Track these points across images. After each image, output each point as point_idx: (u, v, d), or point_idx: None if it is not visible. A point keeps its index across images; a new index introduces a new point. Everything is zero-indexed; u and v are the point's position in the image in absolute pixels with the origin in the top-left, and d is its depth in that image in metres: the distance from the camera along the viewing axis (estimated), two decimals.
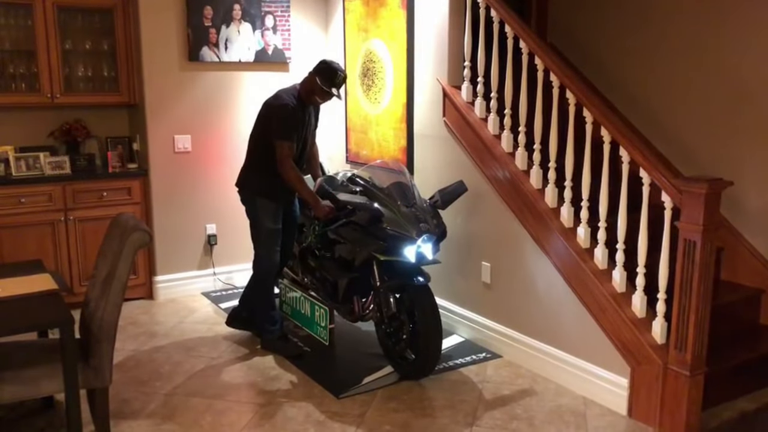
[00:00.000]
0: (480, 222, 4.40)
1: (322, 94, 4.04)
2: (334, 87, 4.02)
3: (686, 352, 3.25)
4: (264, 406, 3.64)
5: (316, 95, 4.05)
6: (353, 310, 4.15)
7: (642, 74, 4.73)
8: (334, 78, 4.01)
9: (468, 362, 4.20)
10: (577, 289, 3.74)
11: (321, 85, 4.00)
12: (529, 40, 3.96)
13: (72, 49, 5.13)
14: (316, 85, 4.02)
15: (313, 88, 4.05)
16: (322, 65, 4.07)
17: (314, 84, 4.03)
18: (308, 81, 4.08)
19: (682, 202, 3.21)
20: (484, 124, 4.30)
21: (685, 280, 3.22)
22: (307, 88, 4.08)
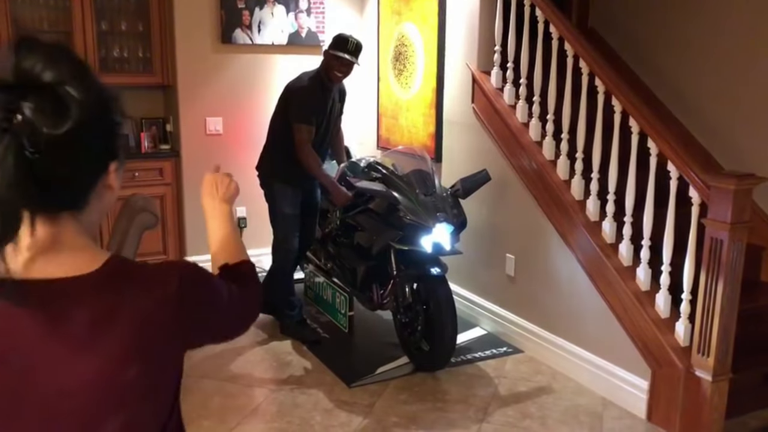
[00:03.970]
0: (505, 213, 4.27)
1: (337, 63, 3.96)
2: (346, 53, 3.94)
3: (709, 356, 3.08)
4: (274, 392, 3.62)
5: (334, 69, 3.98)
6: (372, 299, 4.09)
7: (687, 63, 4.48)
8: (345, 44, 3.96)
9: (487, 356, 4.10)
10: (600, 286, 3.59)
11: (333, 53, 3.95)
12: (559, 24, 3.80)
13: (108, 30, 5.18)
14: (330, 57, 3.98)
15: (329, 62, 3.99)
16: (334, 38, 4.06)
17: (329, 57, 3.99)
18: (324, 58, 4.04)
19: (710, 198, 3.03)
20: (513, 112, 4.17)
21: (710, 281, 3.05)
22: (324, 65, 4.03)
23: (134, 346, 0.97)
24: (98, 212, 1.04)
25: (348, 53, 3.95)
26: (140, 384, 0.99)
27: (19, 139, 0.89)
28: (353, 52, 3.97)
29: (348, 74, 4.05)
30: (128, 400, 0.99)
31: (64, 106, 0.92)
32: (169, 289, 1.01)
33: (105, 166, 1.01)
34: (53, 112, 0.91)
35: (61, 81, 0.93)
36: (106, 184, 1.02)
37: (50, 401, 0.94)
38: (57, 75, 0.93)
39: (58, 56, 0.95)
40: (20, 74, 0.91)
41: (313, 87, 3.98)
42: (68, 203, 0.98)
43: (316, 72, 4.05)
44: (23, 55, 0.93)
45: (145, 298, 0.99)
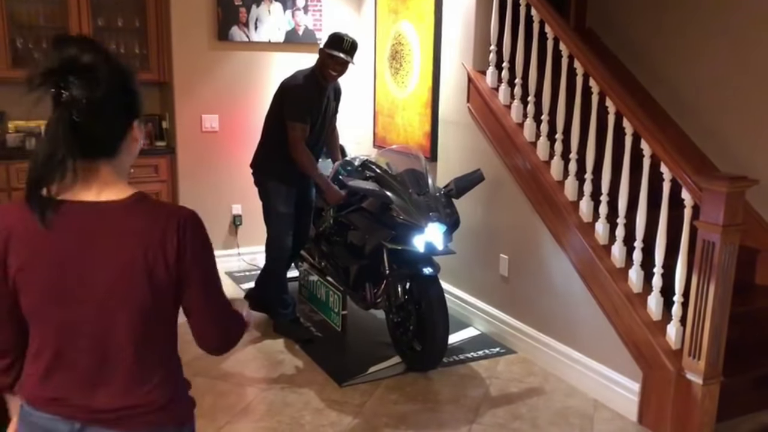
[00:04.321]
0: (499, 213, 4.26)
1: (332, 62, 3.94)
2: (341, 52, 3.92)
3: (700, 359, 3.07)
4: (265, 390, 3.61)
5: (329, 68, 3.96)
6: (365, 298, 4.08)
7: (684, 64, 4.45)
8: (340, 43, 3.94)
9: (480, 356, 4.09)
10: (593, 287, 3.58)
11: (328, 52, 3.93)
12: (554, 24, 3.78)
13: (104, 26, 5.18)
14: (325, 56, 3.96)
15: (324, 61, 3.97)
16: (329, 36, 4.04)
17: (324, 55, 3.97)
18: (319, 57, 4.02)
19: (702, 200, 3.01)
20: (508, 112, 4.15)
21: (701, 284, 3.03)
22: (320, 64, 4.01)
23: (143, 255, 1.36)
24: (127, 158, 1.44)
25: (343, 52, 3.93)
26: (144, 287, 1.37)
27: (68, 109, 1.29)
28: (348, 51, 3.95)
29: (343, 73, 4.04)
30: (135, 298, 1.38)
31: (96, 81, 1.30)
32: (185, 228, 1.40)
33: (129, 123, 1.41)
34: (89, 86, 1.30)
35: (93, 63, 1.31)
36: (131, 137, 1.43)
37: (84, 281, 1.36)
38: (90, 58, 1.31)
39: (88, 46, 1.34)
40: (62, 61, 1.29)
41: (308, 85, 3.97)
42: (103, 152, 1.38)
43: (311, 70, 4.04)
44: (62, 48, 1.32)
45: (158, 225, 1.39)
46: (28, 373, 1.45)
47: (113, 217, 1.38)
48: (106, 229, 1.37)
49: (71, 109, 1.29)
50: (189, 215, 1.43)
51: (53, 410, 1.41)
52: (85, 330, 1.38)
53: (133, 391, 1.42)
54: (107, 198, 1.38)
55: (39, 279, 1.37)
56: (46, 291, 1.37)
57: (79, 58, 1.31)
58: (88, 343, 1.39)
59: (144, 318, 1.40)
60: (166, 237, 1.38)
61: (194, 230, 1.42)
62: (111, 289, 1.37)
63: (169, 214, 1.41)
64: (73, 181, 1.35)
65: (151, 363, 1.45)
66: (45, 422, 1.42)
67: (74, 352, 1.40)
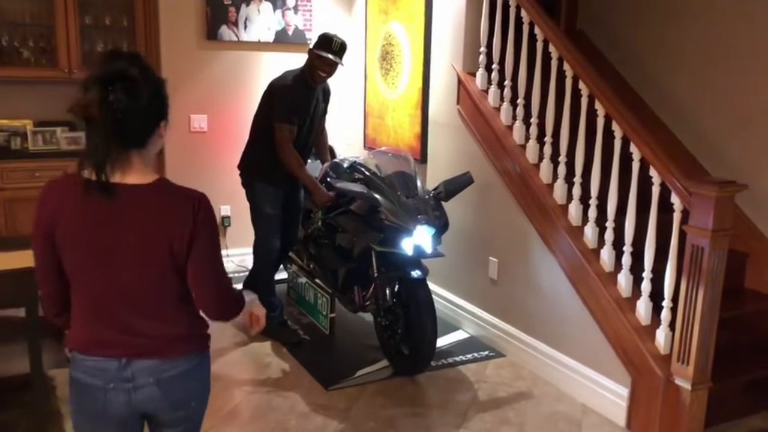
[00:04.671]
0: (489, 216, 4.23)
1: (321, 63, 3.90)
2: (330, 53, 3.88)
3: (689, 364, 3.05)
4: (250, 394, 3.57)
5: (318, 68, 3.92)
6: (353, 300, 4.05)
7: (675, 67, 4.43)
8: (329, 44, 3.89)
9: (468, 360, 4.06)
10: (582, 292, 3.56)
11: (317, 53, 3.89)
12: (544, 25, 3.75)
13: (92, 25, 5.12)
14: (314, 56, 3.92)
15: (312, 62, 3.93)
16: (318, 37, 4.00)
17: (313, 56, 3.93)
18: (308, 57, 3.98)
19: (692, 204, 2.99)
20: (497, 114, 4.12)
21: (690, 289, 3.01)
22: (308, 65, 3.97)
23: (165, 228, 1.70)
24: (153, 149, 1.76)
25: (332, 53, 3.89)
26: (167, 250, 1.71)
27: (112, 109, 1.60)
28: (337, 52, 3.91)
29: (332, 74, 4.01)
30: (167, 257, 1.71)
31: (139, 90, 1.64)
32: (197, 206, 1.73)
33: (157, 123, 1.73)
34: (132, 93, 1.62)
35: (137, 75, 1.64)
36: (158, 134, 1.74)
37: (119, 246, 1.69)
38: (135, 72, 1.64)
39: (135, 60, 1.68)
40: (110, 72, 1.62)
41: (296, 86, 3.93)
42: (136, 144, 1.69)
43: (300, 71, 4.00)
44: (114, 60, 1.66)
45: (177, 204, 1.72)
46: (73, 327, 1.79)
47: (141, 197, 1.71)
48: (136, 207, 1.71)
49: (116, 110, 1.61)
50: (202, 198, 1.76)
51: (100, 353, 1.75)
52: (119, 285, 1.73)
53: (161, 328, 1.78)
54: (136, 181, 1.71)
55: (81, 244, 1.70)
56: (86, 254, 1.70)
57: (127, 71, 1.64)
58: (122, 295, 1.74)
59: (165, 275, 1.75)
60: (183, 215, 1.72)
61: (206, 211, 1.76)
62: (139, 254, 1.71)
63: (186, 196, 1.75)
64: (112, 166, 1.67)
65: (173, 307, 1.80)
66: (96, 364, 1.75)
67: (111, 303, 1.74)
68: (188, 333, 1.85)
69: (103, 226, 1.69)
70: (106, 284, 1.72)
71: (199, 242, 1.73)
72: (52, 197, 1.71)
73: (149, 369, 1.77)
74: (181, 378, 1.81)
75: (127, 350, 1.75)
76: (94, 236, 1.69)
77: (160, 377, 1.78)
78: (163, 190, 1.73)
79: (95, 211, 1.68)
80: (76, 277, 1.74)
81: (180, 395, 1.83)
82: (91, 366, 1.76)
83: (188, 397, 1.85)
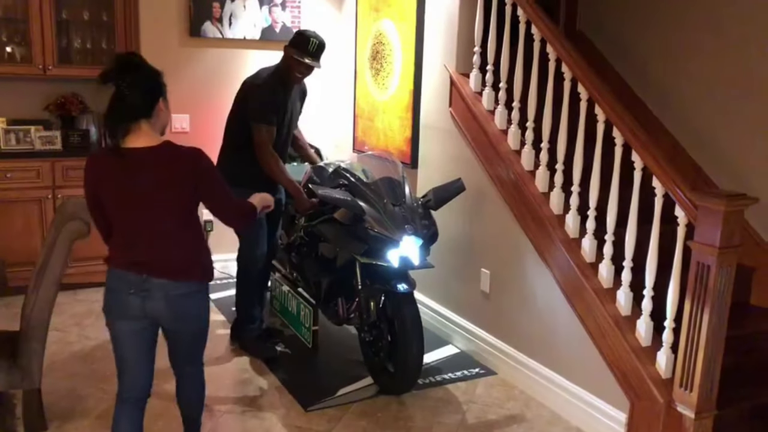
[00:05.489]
0: (481, 225, 4.01)
1: (297, 65, 3.69)
2: (307, 56, 3.66)
3: (692, 391, 2.83)
4: (223, 414, 3.35)
5: (293, 69, 3.71)
6: (337, 313, 3.83)
7: (679, 70, 4.20)
8: (306, 45, 3.66)
9: (458, 377, 3.84)
10: (578, 308, 3.34)
11: (294, 56, 3.67)
12: (541, 24, 3.53)
13: (69, 19, 4.90)
14: (291, 58, 3.70)
15: (289, 62, 3.72)
16: (295, 35, 3.77)
17: (289, 57, 3.71)
18: (284, 56, 3.76)
19: (697, 218, 2.77)
20: (491, 118, 3.90)
21: (694, 309, 2.79)
22: (285, 64, 3.75)
23: (170, 178, 2.32)
24: (159, 121, 2.38)
25: (308, 56, 3.68)
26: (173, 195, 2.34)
27: (122, 91, 2.26)
28: (314, 53, 3.69)
29: (308, 75, 3.81)
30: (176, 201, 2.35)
31: (139, 77, 2.30)
32: (195, 159, 2.35)
33: (157, 100, 2.35)
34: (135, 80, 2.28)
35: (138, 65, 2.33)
36: (158, 107, 2.35)
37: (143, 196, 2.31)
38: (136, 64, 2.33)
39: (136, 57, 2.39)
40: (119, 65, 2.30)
41: (273, 84, 3.71)
42: (142, 115, 2.29)
43: (275, 68, 3.78)
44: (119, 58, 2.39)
45: (182, 159, 2.33)
46: (111, 250, 2.46)
47: (152, 156, 2.32)
48: (149, 164, 2.32)
49: (124, 90, 2.27)
50: (200, 151, 2.39)
51: (128, 269, 2.38)
52: (141, 222, 2.37)
53: (174, 255, 2.41)
54: (146, 144, 2.32)
55: (113, 196, 2.36)
56: (117, 202, 2.37)
57: (129, 63, 2.34)
58: (144, 230, 2.38)
59: (178, 215, 2.39)
60: (186, 166, 2.35)
61: (205, 160, 2.40)
62: (156, 199, 2.34)
63: (186, 151, 2.36)
64: (126, 134, 2.30)
65: (185, 240, 2.43)
66: (123, 276, 2.39)
67: (138, 237, 2.39)
68: (193, 263, 2.45)
69: (126, 181, 2.33)
70: (132, 222, 2.38)
71: (205, 185, 2.40)
72: (92, 165, 2.40)
73: (161, 286, 2.38)
74: (183, 298, 2.42)
75: (147, 270, 2.37)
76: (121, 189, 2.34)
77: (167, 294, 2.39)
78: (168, 149, 2.35)
79: (119, 170, 2.32)
80: (113, 217, 2.41)
81: (180, 311, 2.43)
82: (120, 277, 2.39)
83: (187, 314, 2.46)
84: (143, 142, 2.30)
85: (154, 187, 2.31)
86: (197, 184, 2.35)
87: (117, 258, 2.41)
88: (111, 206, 2.37)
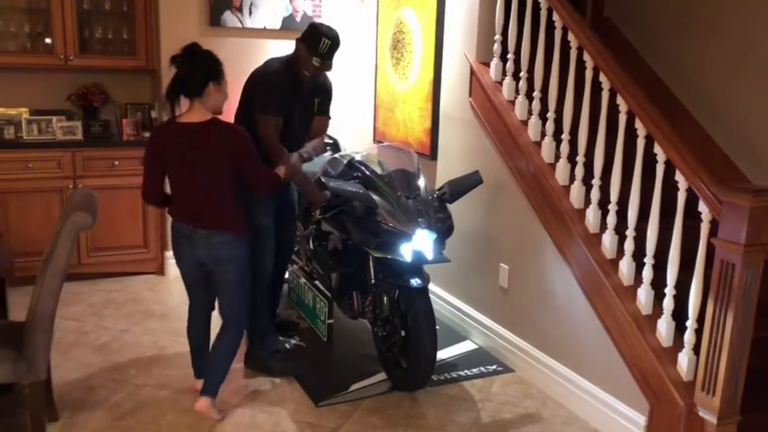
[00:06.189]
0: (500, 219, 3.90)
1: (306, 63, 3.49)
2: (317, 57, 3.45)
3: (715, 395, 2.69)
4: (232, 408, 3.31)
5: (302, 65, 3.51)
6: (352, 306, 3.76)
7: (712, 59, 4.02)
8: (316, 44, 3.43)
9: (474, 374, 3.74)
10: (597, 306, 3.22)
11: (305, 54, 3.48)
12: (562, 11, 3.40)
13: (91, 10, 4.90)
14: (301, 55, 3.50)
15: (298, 58, 3.52)
16: (308, 29, 3.53)
17: (299, 52, 3.51)
18: (295, 49, 3.56)
19: (722, 214, 2.63)
20: (511, 108, 3.79)
21: (718, 309, 2.65)
22: (295, 58, 3.56)
23: (214, 149, 2.94)
24: (210, 101, 2.97)
25: (318, 56, 3.45)
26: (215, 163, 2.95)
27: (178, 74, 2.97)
28: (325, 54, 3.46)
29: (318, 74, 3.62)
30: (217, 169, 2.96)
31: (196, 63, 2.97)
32: (235, 135, 3.00)
33: (207, 83, 2.94)
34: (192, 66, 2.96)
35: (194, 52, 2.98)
36: (208, 90, 2.94)
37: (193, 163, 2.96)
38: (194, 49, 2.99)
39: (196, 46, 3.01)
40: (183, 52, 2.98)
41: (280, 74, 3.52)
42: (193, 94, 2.95)
43: (286, 59, 3.61)
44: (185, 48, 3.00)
45: (225, 134, 2.97)
46: (172, 205, 3.09)
47: (201, 130, 2.92)
48: (198, 136, 2.92)
49: (180, 72, 2.92)
50: (237, 129, 3.03)
51: (182, 222, 3.04)
52: (191, 185, 2.98)
53: (214, 213, 3.00)
54: (198, 120, 2.93)
55: (171, 162, 2.98)
56: (174, 167, 2.99)
57: (191, 50, 2.95)
58: (193, 191, 2.99)
59: (218, 179, 2.96)
60: (228, 140, 2.95)
61: (243, 137, 3.00)
62: (201, 166, 2.94)
63: (229, 128, 3.00)
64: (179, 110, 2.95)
65: (223, 200, 3.00)
66: (179, 227, 3.06)
67: (187, 195, 3.01)
68: (228, 219, 3.02)
69: (180, 149, 2.95)
70: (184, 183, 3.00)
71: (243, 158, 2.97)
72: (157, 133, 3.11)
73: (204, 236, 3.00)
74: (221, 245, 3.03)
75: (194, 222, 3.00)
76: (176, 155, 2.96)
77: (208, 242, 3.01)
78: (214, 125, 2.95)
79: (175, 140, 2.95)
80: (172, 180, 3.04)
81: (219, 256, 3.05)
82: (176, 228, 3.09)
83: (224, 258, 3.06)
84: (196, 118, 2.93)
85: (200, 155, 2.92)
86: (234, 154, 2.93)
87: (174, 212, 3.09)
88: (169, 169, 3.02)
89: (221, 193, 2.98)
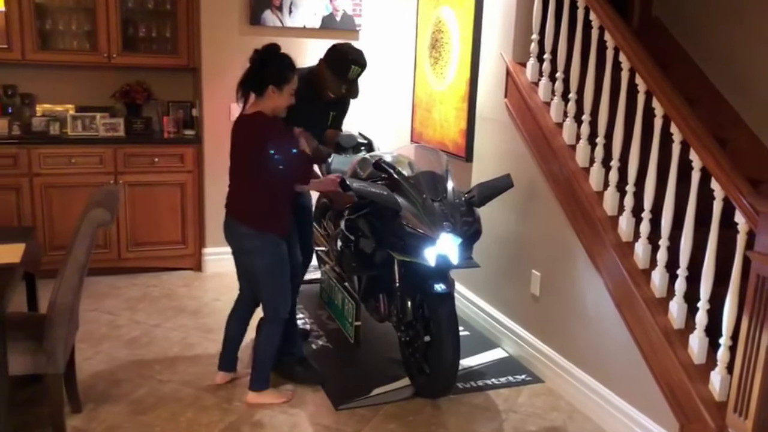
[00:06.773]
0: (533, 224, 3.79)
1: (333, 89, 3.42)
2: (345, 83, 3.38)
3: (748, 417, 2.54)
4: (252, 408, 3.30)
5: (327, 89, 3.44)
6: (379, 309, 3.71)
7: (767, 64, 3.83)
8: (346, 71, 3.36)
9: (501, 384, 3.64)
10: (628, 318, 3.08)
11: (330, 78, 3.40)
12: (599, 10, 3.27)
13: (135, 8, 4.99)
14: (326, 77, 3.42)
15: (323, 81, 3.44)
16: (334, 54, 3.43)
17: (324, 74, 3.43)
18: (319, 70, 3.48)
19: (759, 226, 2.47)
20: (546, 110, 3.67)
21: (753, 327, 2.49)
22: (318, 78, 3.47)
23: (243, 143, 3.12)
24: (268, 101, 3.07)
25: (348, 83, 3.38)
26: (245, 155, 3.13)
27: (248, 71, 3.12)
28: (353, 81, 3.40)
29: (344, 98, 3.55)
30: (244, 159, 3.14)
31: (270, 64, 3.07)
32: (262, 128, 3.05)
33: (267, 85, 3.04)
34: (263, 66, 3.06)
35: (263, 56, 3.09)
36: (269, 91, 3.04)
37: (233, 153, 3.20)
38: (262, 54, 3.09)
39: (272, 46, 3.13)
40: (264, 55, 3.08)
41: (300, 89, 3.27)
42: (253, 90, 3.09)
43: (309, 71, 3.51)
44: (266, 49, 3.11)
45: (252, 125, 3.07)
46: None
47: (243, 122, 3.10)
48: (238, 128, 3.14)
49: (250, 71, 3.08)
50: (264, 121, 3.05)
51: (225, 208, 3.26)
52: (231, 174, 3.22)
53: (239, 202, 3.19)
54: (247, 113, 3.10)
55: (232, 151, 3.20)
56: (232, 156, 3.20)
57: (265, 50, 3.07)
58: (232, 181, 3.22)
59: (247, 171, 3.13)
60: (251, 131, 3.07)
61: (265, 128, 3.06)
62: (235, 157, 3.18)
63: (258, 123, 3.05)
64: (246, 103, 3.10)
65: (248, 192, 3.15)
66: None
67: (230, 184, 3.23)
68: (250, 211, 3.14)
69: (232, 139, 3.18)
70: (230, 172, 3.22)
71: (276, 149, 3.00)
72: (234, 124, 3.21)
73: (232, 224, 3.20)
74: (241, 236, 3.18)
75: (227, 209, 3.23)
76: (231, 145, 3.19)
77: (233, 231, 3.21)
78: (254, 119, 3.06)
79: (233, 131, 3.18)
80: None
81: (240, 245, 3.23)
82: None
83: (243, 250, 3.23)
84: (248, 112, 3.09)
85: (235, 146, 3.15)
86: (256, 142, 3.01)
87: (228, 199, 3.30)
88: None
89: (250, 184, 3.11)
